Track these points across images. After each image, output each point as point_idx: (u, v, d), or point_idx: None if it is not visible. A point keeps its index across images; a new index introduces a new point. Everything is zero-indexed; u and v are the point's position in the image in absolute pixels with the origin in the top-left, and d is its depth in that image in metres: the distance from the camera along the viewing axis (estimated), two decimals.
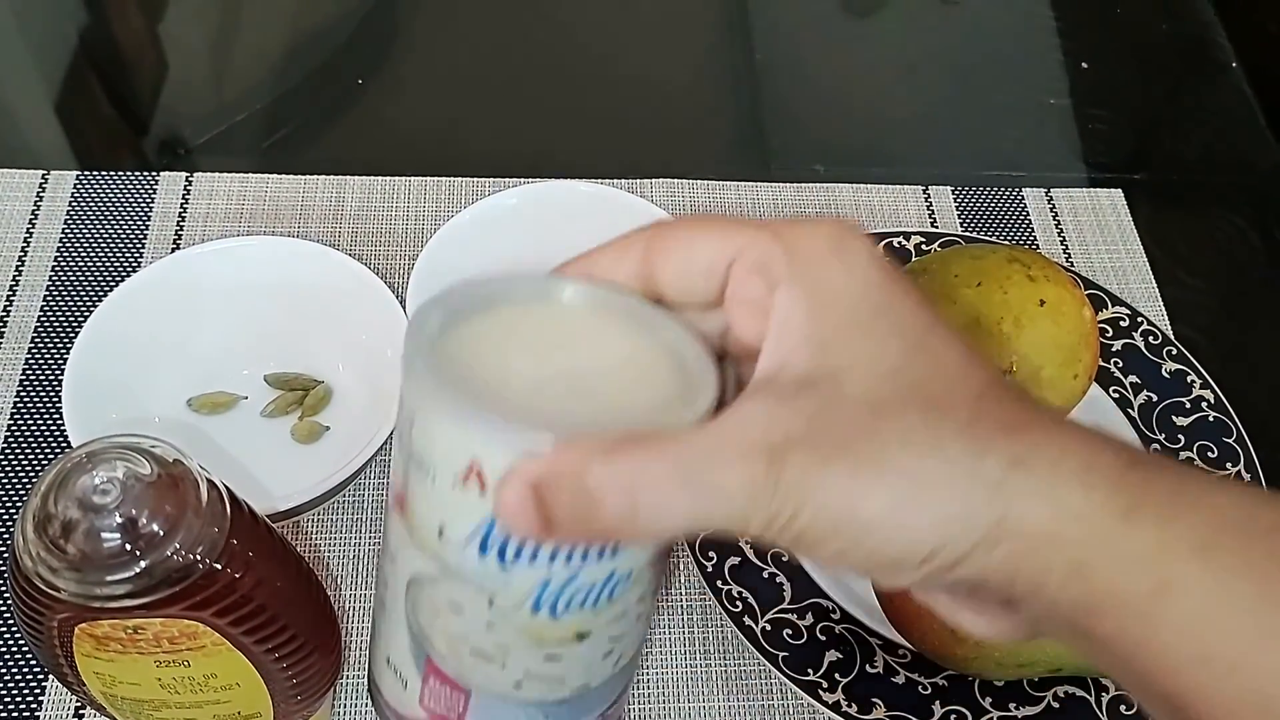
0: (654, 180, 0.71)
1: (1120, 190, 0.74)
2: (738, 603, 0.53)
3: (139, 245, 0.66)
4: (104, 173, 0.68)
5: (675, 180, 0.71)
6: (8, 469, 0.57)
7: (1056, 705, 0.51)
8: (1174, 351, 0.62)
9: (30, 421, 0.59)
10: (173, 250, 0.65)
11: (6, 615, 0.53)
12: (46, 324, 0.62)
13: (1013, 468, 0.29)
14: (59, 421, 0.58)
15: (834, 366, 0.30)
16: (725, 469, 0.29)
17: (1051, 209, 0.73)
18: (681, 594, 0.56)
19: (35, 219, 0.66)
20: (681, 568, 0.57)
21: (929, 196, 0.72)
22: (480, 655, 0.38)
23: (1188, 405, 0.61)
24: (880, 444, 0.29)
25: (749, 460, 0.29)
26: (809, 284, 0.31)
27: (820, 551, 0.30)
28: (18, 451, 0.58)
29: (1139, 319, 0.64)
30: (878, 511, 0.29)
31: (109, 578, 0.36)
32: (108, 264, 0.65)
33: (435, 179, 0.70)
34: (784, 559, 0.54)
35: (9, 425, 0.59)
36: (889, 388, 0.30)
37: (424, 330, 0.35)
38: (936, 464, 0.29)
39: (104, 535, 0.36)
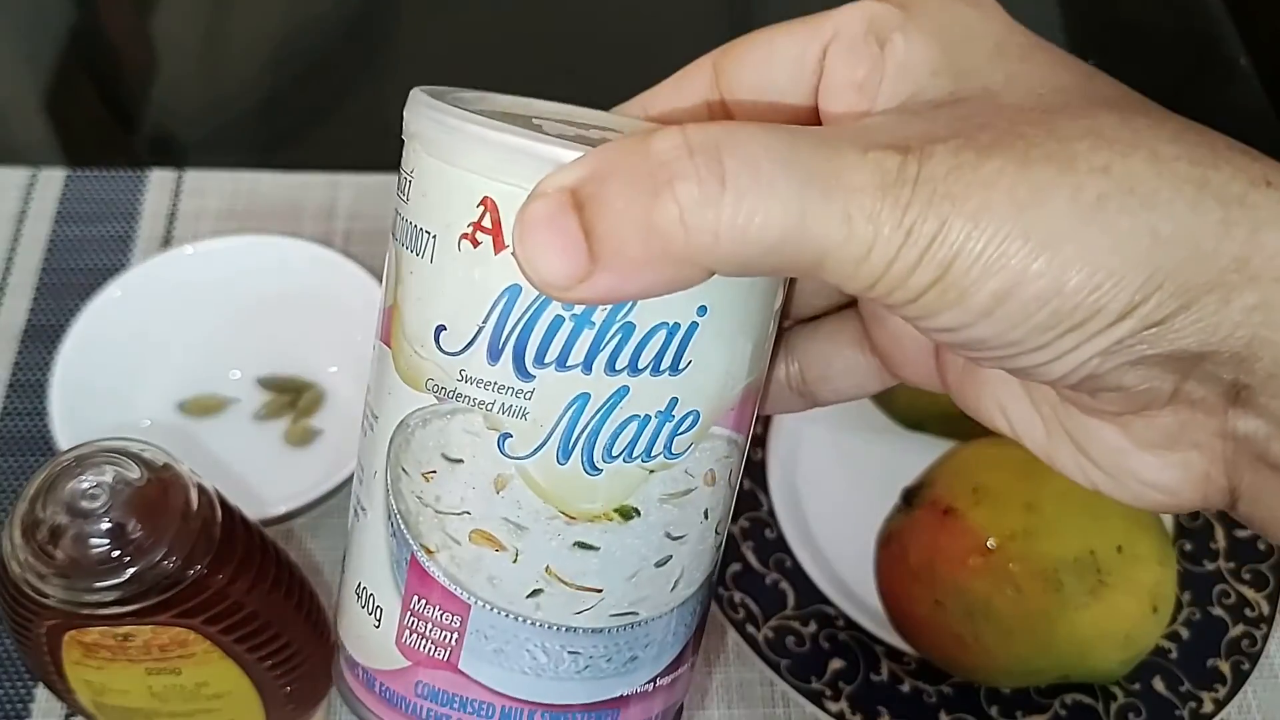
0: None
1: None
2: (739, 609, 0.52)
3: (129, 244, 0.65)
4: (93, 170, 0.68)
5: None
6: None
7: (1064, 713, 0.51)
8: None
9: (18, 425, 0.58)
10: (163, 249, 0.65)
11: None
12: (34, 324, 0.61)
13: (1257, 187, 0.21)
14: (47, 425, 0.57)
15: (983, 85, 0.23)
16: (846, 156, 0.21)
17: None
18: None
19: (23, 218, 0.66)
20: None
21: None
22: (484, 538, 0.28)
23: None
24: (1065, 137, 0.21)
25: (879, 154, 0.21)
26: (936, 26, 0.24)
27: (974, 294, 0.21)
28: (5, 455, 0.57)
29: None
30: (1061, 222, 0.20)
31: (97, 584, 0.35)
32: (97, 263, 0.64)
33: None
34: (786, 565, 0.53)
35: None
36: (1063, 99, 0.22)
37: (431, 93, 0.28)
38: (1145, 165, 0.21)
39: (92, 541, 0.35)
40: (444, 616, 0.29)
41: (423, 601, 0.29)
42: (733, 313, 0.27)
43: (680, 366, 0.26)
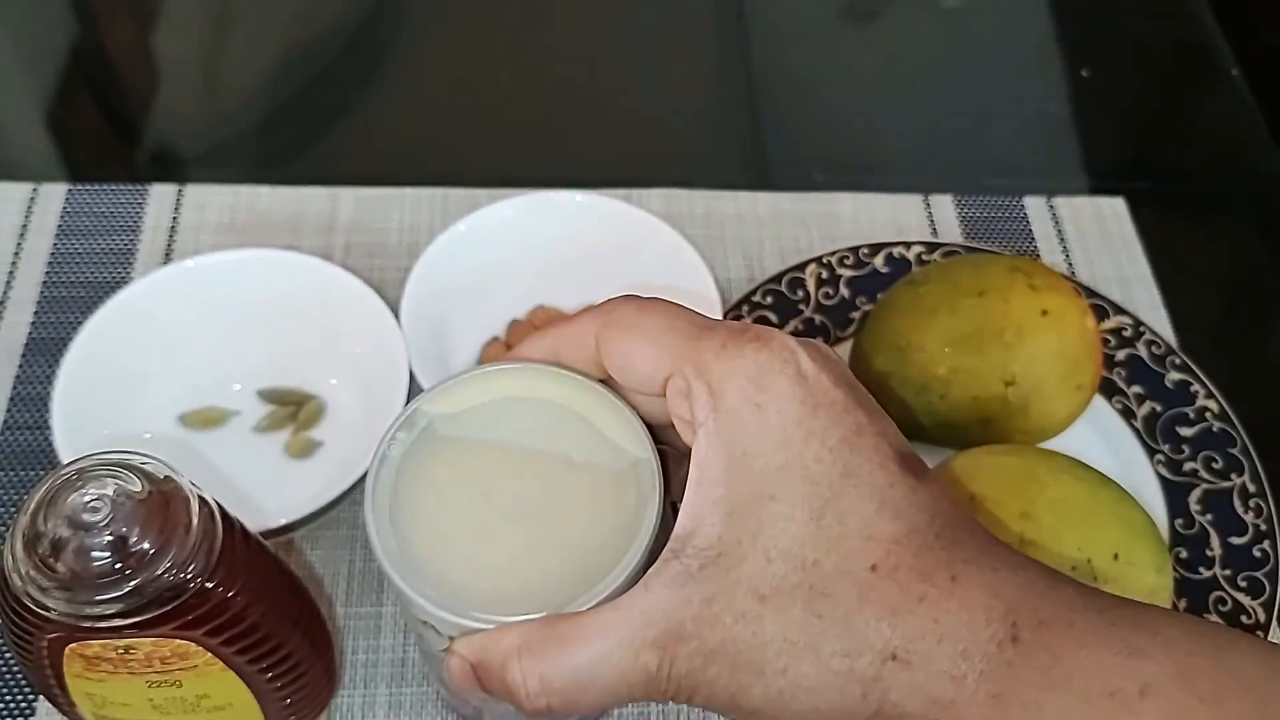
0: (652, 190, 0.70)
1: (1122, 198, 0.74)
2: None
3: (130, 259, 0.65)
4: (95, 185, 0.68)
5: (674, 190, 0.71)
6: None
7: None
8: (1178, 361, 0.62)
9: (20, 438, 0.58)
10: (164, 264, 0.65)
11: None
12: (36, 339, 0.62)
13: (887, 662, 0.31)
14: (49, 438, 0.58)
15: (739, 538, 0.32)
16: (626, 666, 0.32)
17: (1053, 217, 0.72)
18: None
19: (25, 232, 0.66)
20: None
21: (930, 205, 0.72)
22: (476, 696, 0.42)
23: (1192, 416, 0.60)
24: (761, 642, 0.32)
25: (646, 655, 0.32)
26: (726, 436, 0.33)
27: (716, 713, 0.34)
28: (7, 468, 0.57)
29: (1142, 328, 0.63)
30: (757, 704, 0.32)
31: (99, 597, 0.35)
32: (98, 277, 0.64)
33: (430, 190, 0.70)
34: None
35: None
36: (780, 572, 0.32)
37: (383, 467, 0.38)
38: (812, 667, 0.31)
39: (94, 554, 0.35)
40: (467, 707, 0.46)
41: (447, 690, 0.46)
42: None
43: None
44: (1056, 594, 0.32)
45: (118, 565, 0.35)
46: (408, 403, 0.49)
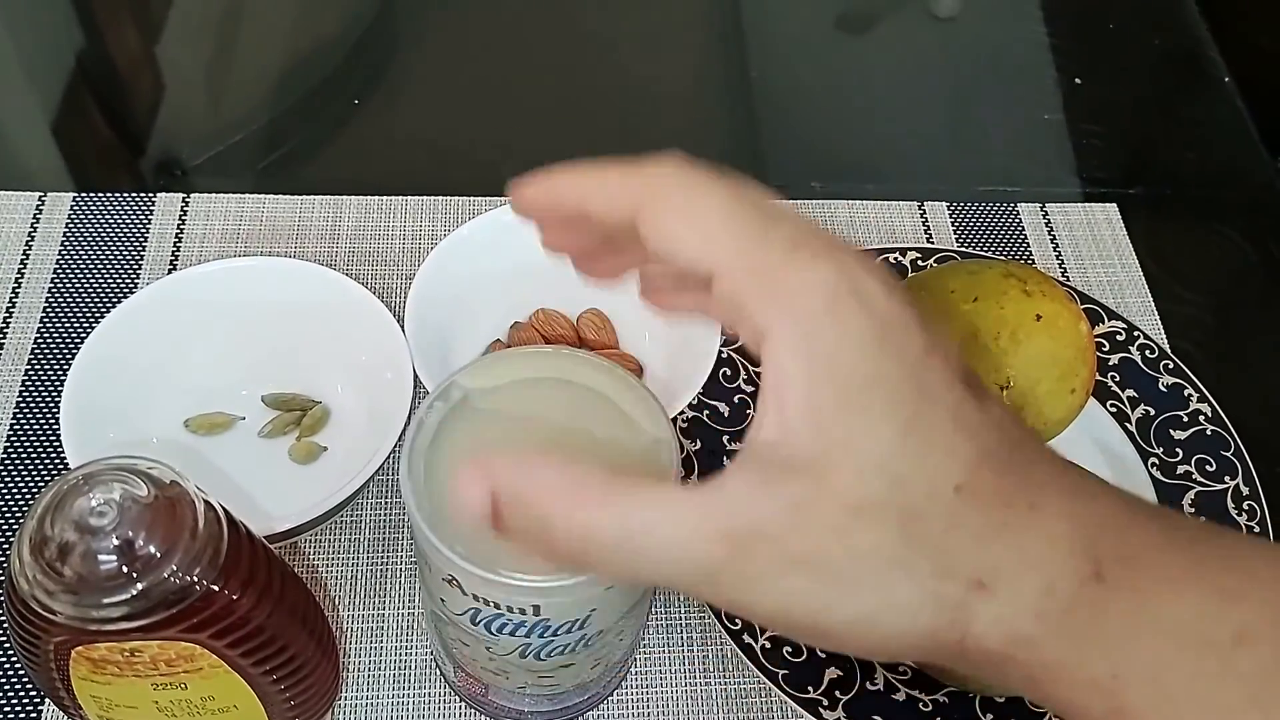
0: None
1: (1115, 205, 0.74)
2: (736, 620, 0.52)
3: (136, 266, 0.66)
4: (100, 194, 0.69)
5: None
6: (4, 491, 0.57)
7: None
8: (1170, 365, 0.63)
9: (27, 443, 0.59)
10: (170, 271, 0.65)
11: (2, 639, 0.53)
12: (43, 345, 0.62)
13: (973, 590, 0.30)
14: (56, 443, 0.58)
15: (827, 447, 0.30)
16: (691, 546, 0.29)
17: (1047, 224, 0.73)
18: (680, 612, 0.56)
19: (32, 241, 0.66)
20: None
21: (924, 212, 0.73)
22: (488, 670, 0.46)
23: (1185, 419, 0.61)
24: (855, 557, 0.29)
25: (717, 545, 0.29)
26: (807, 347, 0.30)
27: (779, 632, 0.32)
28: (15, 473, 0.58)
29: (1135, 333, 0.64)
30: (840, 624, 0.30)
31: (105, 600, 0.36)
32: (104, 285, 0.65)
33: (431, 198, 0.70)
34: None
35: (6, 447, 0.59)
36: (873, 486, 0.29)
37: (420, 432, 0.40)
38: (905, 585, 0.29)
39: (100, 557, 0.36)
40: (473, 683, 0.49)
41: (460, 671, 0.49)
42: (621, 599, 0.42)
43: (586, 623, 0.41)
44: (1139, 527, 0.31)
45: (124, 569, 0.36)
46: (411, 410, 0.53)
